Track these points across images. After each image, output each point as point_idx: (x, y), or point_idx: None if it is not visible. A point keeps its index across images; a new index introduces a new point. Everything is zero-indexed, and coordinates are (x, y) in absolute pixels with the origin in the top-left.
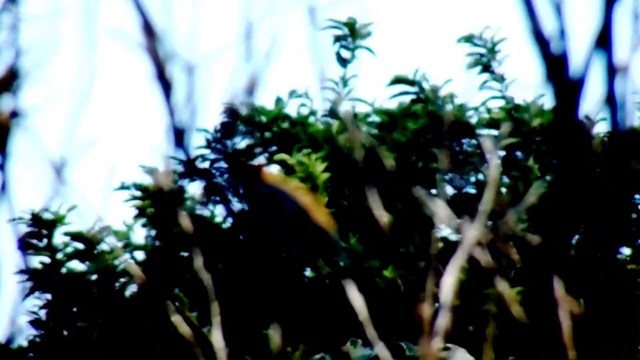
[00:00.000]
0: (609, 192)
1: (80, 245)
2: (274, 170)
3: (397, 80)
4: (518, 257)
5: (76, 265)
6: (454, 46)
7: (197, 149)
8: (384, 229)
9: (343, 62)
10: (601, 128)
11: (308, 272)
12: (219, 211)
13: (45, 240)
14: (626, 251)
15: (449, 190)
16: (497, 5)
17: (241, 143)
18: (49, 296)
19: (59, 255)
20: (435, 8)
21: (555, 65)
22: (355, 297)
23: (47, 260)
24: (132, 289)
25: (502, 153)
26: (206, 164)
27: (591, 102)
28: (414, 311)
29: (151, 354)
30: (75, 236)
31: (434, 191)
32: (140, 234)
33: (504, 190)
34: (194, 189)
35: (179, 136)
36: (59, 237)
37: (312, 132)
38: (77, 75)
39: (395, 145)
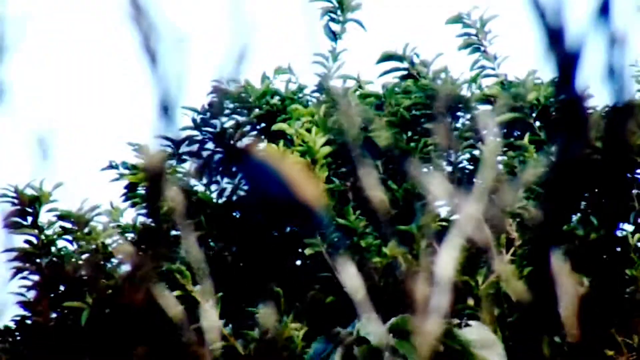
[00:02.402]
0: (609, 167)
1: (67, 224)
2: (267, 146)
3: (387, 57)
4: (517, 234)
5: (64, 244)
6: (443, 26)
7: (184, 129)
8: (380, 207)
9: (333, 35)
10: (601, 101)
11: (306, 250)
12: (213, 187)
13: (30, 218)
14: (628, 227)
15: (446, 167)
16: None
17: (229, 122)
18: (36, 276)
19: (46, 234)
20: None
21: (554, 35)
22: (352, 276)
23: (33, 239)
24: (122, 269)
25: (498, 128)
26: (194, 146)
27: (590, 74)
28: (411, 289)
29: (142, 335)
30: (63, 215)
31: (430, 167)
32: (130, 213)
33: (501, 166)
34: (185, 166)
35: (167, 112)
36: (44, 215)
37: (302, 108)
38: (62, 47)
39: (390, 122)
